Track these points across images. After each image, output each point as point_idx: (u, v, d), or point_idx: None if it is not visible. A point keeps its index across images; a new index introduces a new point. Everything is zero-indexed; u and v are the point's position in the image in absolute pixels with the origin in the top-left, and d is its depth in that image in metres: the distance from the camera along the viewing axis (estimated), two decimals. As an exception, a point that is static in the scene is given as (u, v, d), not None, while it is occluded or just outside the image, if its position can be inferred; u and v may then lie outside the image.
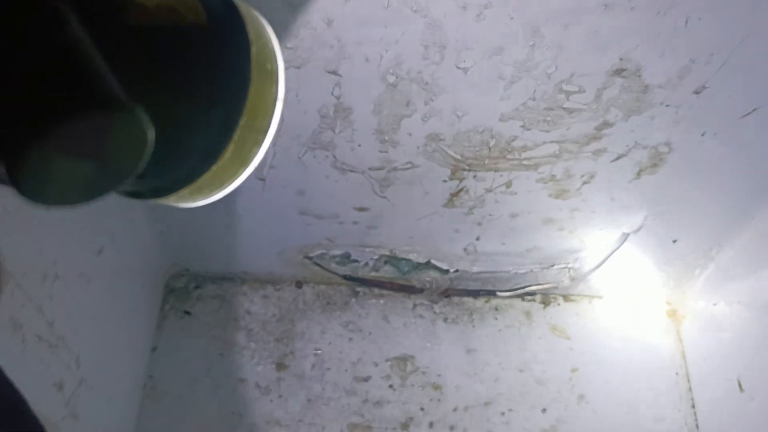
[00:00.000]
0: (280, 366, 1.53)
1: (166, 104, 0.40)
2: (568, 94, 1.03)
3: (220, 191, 0.47)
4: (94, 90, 0.37)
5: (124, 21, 0.39)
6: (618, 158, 1.17)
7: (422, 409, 1.50)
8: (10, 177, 0.37)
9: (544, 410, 1.50)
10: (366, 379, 1.52)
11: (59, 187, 0.38)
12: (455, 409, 1.50)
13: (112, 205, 1.22)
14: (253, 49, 0.43)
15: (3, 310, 0.84)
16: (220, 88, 0.42)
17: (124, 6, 0.39)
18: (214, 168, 0.43)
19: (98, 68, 0.37)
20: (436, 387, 1.52)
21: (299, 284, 1.62)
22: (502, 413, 1.50)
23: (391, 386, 1.52)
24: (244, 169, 0.47)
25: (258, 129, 0.45)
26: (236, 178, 0.47)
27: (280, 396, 1.50)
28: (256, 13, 0.45)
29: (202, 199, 0.47)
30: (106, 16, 0.38)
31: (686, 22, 0.90)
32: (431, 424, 1.48)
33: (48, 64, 0.36)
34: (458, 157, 1.17)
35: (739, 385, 1.33)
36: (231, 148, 0.43)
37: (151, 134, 0.38)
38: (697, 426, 1.49)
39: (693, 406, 1.51)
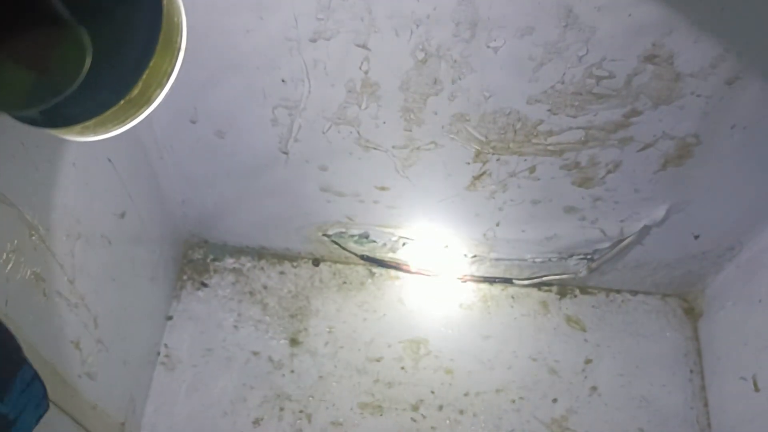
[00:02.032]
0: (294, 342, 1.54)
1: (95, 31, 0.46)
2: (598, 78, 1.02)
3: (120, 127, 0.52)
4: (45, 6, 0.42)
5: None
6: (644, 148, 1.16)
7: (433, 392, 1.50)
8: None
9: (555, 400, 1.50)
10: (378, 360, 1.53)
11: (3, 95, 0.44)
12: (466, 394, 1.50)
13: (136, 170, 1.23)
14: (164, 1, 0.49)
15: (27, 263, 0.85)
16: (137, 29, 0.48)
17: None
18: (121, 102, 0.49)
19: None
20: (448, 371, 1.52)
21: (316, 262, 1.63)
22: (513, 401, 1.50)
23: (403, 368, 1.52)
24: (146, 109, 0.52)
25: (163, 72, 0.51)
26: (137, 117, 0.52)
27: (292, 371, 1.50)
28: None
29: (102, 134, 0.52)
30: None
31: (722, 9, 0.89)
32: (441, 407, 1.48)
33: None
34: (483, 139, 1.17)
35: (755, 384, 1.32)
36: (139, 85, 0.49)
37: (89, 52, 0.44)
38: (708, 424, 1.48)
39: (706, 404, 1.49)
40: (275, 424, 1.45)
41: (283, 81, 1.09)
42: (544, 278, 1.57)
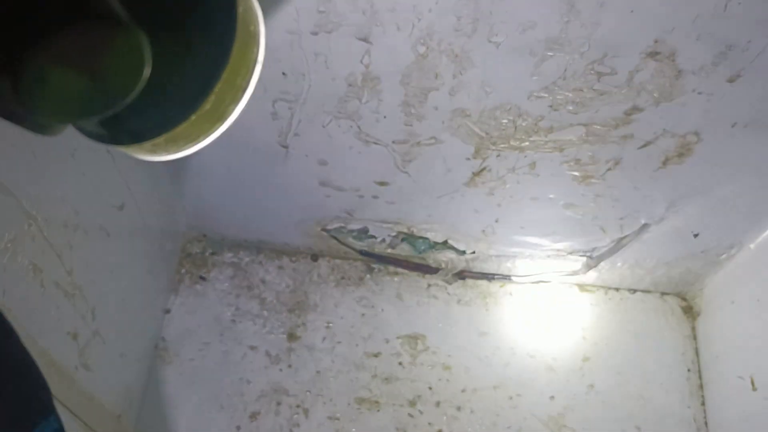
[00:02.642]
0: (292, 336, 1.53)
1: (160, 39, 0.41)
2: (600, 75, 1.02)
3: (193, 145, 0.48)
4: (98, 5, 0.38)
5: None
6: (645, 145, 1.15)
7: (430, 388, 1.50)
8: (13, 88, 0.38)
9: (552, 397, 1.50)
10: (376, 355, 1.53)
11: (55, 100, 0.40)
12: (463, 390, 1.50)
13: (136, 162, 1.22)
14: (240, 9, 0.45)
15: (24, 253, 0.85)
16: (208, 38, 0.44)
17: None
18: (193, 118, 0.44)
19: None
20: (446, 367, 1.52)
21: (315, 257, 1.63)
22: (510, 397, 1.50)
23: (400, 363, 1.52)
24: (220, 125, 0.48)
25: (238, 86, 0.46)
26: (211, 134, 0.48)
27: (290, 366, 1.50)
28: None
29: (174, 152, 0.48)
30: None
31: (725, 7, 0.89)
32: (438, 404, 1.48)
33: None
34: (483, 134, 1.16)
35: (752, 384, 1.32)
36: (211, 99, 0.44)
37: (148, 59, 0.40)
38: (705, 423, 1.48)
39: (703, 403, 1.50)
40: (272, 418, 1.45)
41: (283, 74, 1.08)
42: (543, 275, 1.57)
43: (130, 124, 0.45)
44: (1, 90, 0.39)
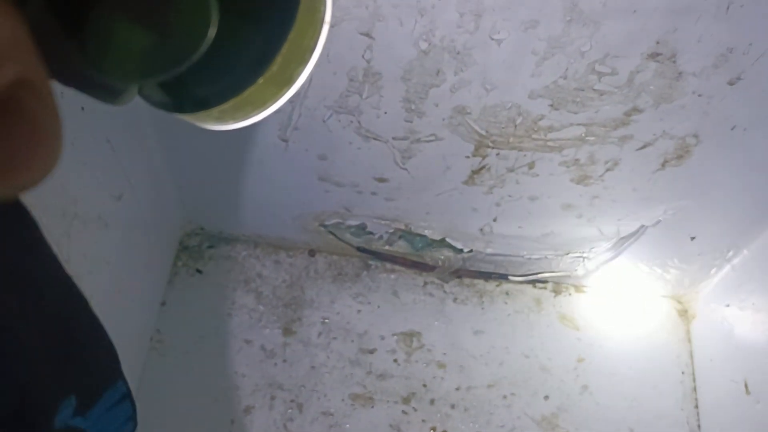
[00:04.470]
0: (287, 331, 1.53)
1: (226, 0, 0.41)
2: (601, 75, 1.02)
3: (261, 111, 0.46)
4: None
5: None
6: (644, 147, 1.16)
7: (425, 385, 1.50)
8: (79, 47, 0.38)
9: (546, 397, 1.50)
10: (371, 352, 1.53)
11: (122, 58, 0.39)
12: (458, 389, 1.50)
13: (135, 153, 1.22)
14: None
15: (22, 240, 0.84)
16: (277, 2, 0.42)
17: None
18: (260, 81, 0.42)
19: None
20: (441, 365, 1.52)
21: (312, 252, 1.63)
22: (504, 396, 1.50)
23: (395, 360, 1.52)
24: (288, 89, 0.45)
25: (305, 48, 0.44)
26: (278, 98, 0.46)
27: (285, 360, 1.50)
28: None
29: (242, 119, 0.46)
30: None
31: (728, 8, 0.89)
32: (432, 401, 1.48)
33: None
34: (483, 132, 1.16)
35: (746, 388, 1.32)
36: (279, 61, 0.42)
37: (215, 16, 0.39)
38: (699, 426, 1.48)
39: (696, 406, 1.50)
40: (266, 412, 1.45)
41: (285, 67, 1.08)
42: (540, 275, 1.57)
43: (196, 89, 0.43)
44: (68, 50, 0.38)
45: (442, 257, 1.57)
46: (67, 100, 0.73)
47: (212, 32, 0.39)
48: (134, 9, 0.38)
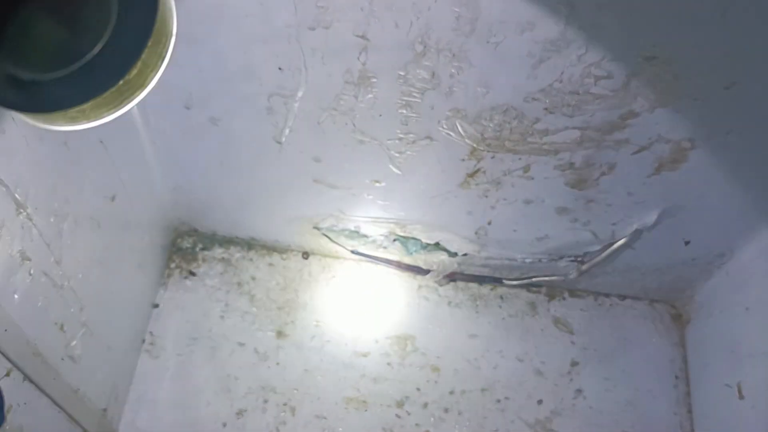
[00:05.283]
0: (280, 334, 1.53)
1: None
2: (597, 78, 1.02)
3: (115, 112, 0.52)
4: None
5: None
6: (639, 151, 1.16)
7: (418, 389, 1.50)
8: None
9: (540, 401, 1.50)
10: (365, 355, 1.52)
11: (36, 50, 0.44)
12: (451, 392, 1.49)
13: (128, 154, 1.21)
14: None
15: (13, 241, 0.84)
16: (137, 9, 0.48)
17: None
18: (120, 83, 0.48)
19: None
20: (435, 369, 1.52)
21: (306, 255, 1.62)
22: (498, 400, 1.49)
23: (389, 364, 1.52)
24: (141, 92, 0.51)
25: (158, 55, 0.51)
26: (132, 100, 0.51)
27: (278, 363, 1.50)
28: None
29: (95, 119, 0.51)
30: None
31: (723, 14, 0.89)
32: (426, 405, 1.48)
33: None
34: (478, 135, 1.16)
35: (739, 392, 1.32)
36: (138, 65, 0.48)
37: (114, 17, 0.45)
38: (692, 430, 1.48)
39: (690, 411, 1.50)
40: (259, 415, 1.44)
41: (280, 69, 1.08)
42: (534, 279, 1.57)
43: (58, 89, 0.47)
44: None
45: (437, 261, 1.56)
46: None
47: (111, 30, 0.45)
48: (48, 5, 0.43)
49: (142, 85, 0.51)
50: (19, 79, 0.45)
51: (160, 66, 0.51)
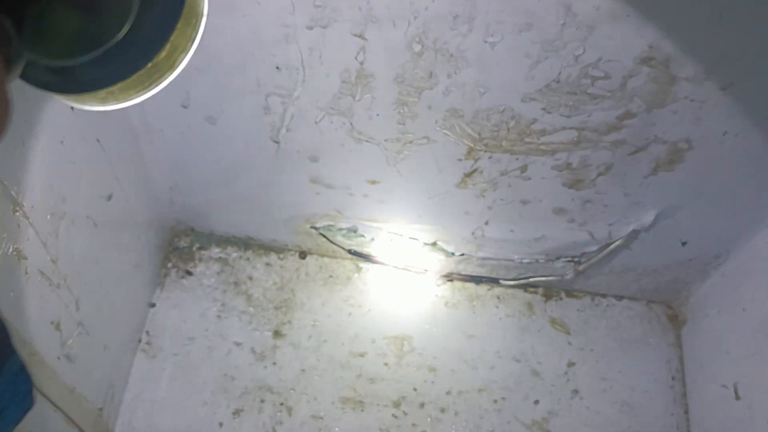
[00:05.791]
0: (277, 334, 1.53)
1: None
2: (594, 79, 1.02)
3: (144, 93, 0.51)
4: None
5: None
6: (636, 151, 1.16)
7: (415, 389, 1.50)
8: (17, 29, 0.42)
9: (537, 402, 1.50)
10: (362, 355, 1.52)
11: (55, 38, 0.44)
12: (448, 393, 1.49)
13: (125, 153, 1.21)
14: None
15: (9, 239, 0.83)
16: None
17: None
18: (149, 65, 0.48)
19: None
20: (432, 369, 1.52)
21: (303, 255, 1.62)
22: (495, 401, 1.49)
23: (386, 364, 1.52)
24: (170, 74, 0.51)
25: (188, 37, 0.50)
26: (161, 82, 0.51)
27: (275, 363, 1.49)
28: None
29: (125, 100, 0.51)
30: None
31: (720, 15, 0.89)
32: (422, 405, 1.48)
33: None
34: (476, 135, 1.16)
35: (736, 393, 1.32)
36: (167, 48, 0.48)
37: (136, 2, 0.44)
38: (689, 431, 1.48)
39: (686, 411, 1.50)
40: (255, 415, 1.44)
41: (277, 68, 1.08)
42: (531, 279, 1.57)
43: (88, 70, 0.47)
44: (6, 32, 0.42)
45: (434, 261, 1.56)
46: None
47: (134, 14, 0.45)
48: None
49: (171, 67, 0.51)
50: (50, 66, 0.46)
51: (190, 48, 0.51)
